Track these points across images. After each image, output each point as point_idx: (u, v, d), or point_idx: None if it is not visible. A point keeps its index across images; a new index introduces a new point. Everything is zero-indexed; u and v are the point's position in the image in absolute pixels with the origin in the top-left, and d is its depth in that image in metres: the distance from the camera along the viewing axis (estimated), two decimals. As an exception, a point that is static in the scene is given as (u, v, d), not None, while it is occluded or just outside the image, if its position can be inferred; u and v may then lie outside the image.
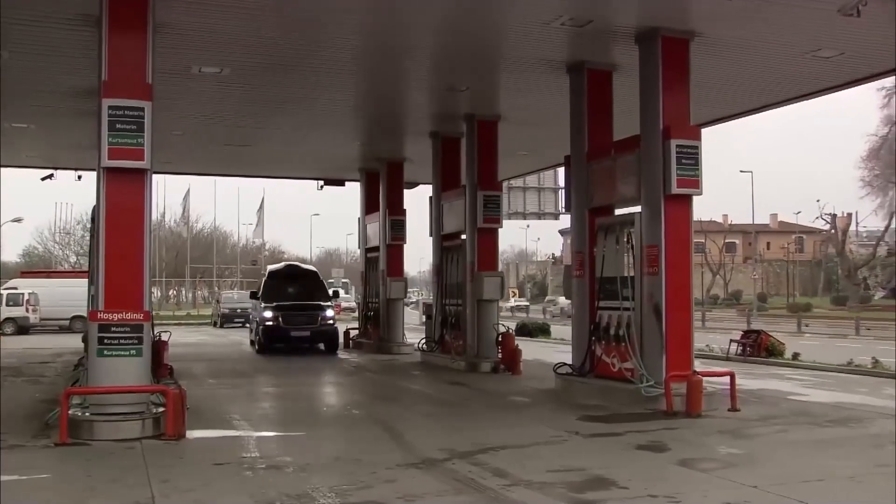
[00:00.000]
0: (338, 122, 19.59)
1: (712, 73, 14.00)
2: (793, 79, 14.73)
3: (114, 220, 10.02)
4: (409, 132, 21.08)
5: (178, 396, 9.63)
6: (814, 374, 17.51)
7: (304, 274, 26.42)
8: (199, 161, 24.59)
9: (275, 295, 23.54)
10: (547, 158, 23.85)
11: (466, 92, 16.70)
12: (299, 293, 24.14)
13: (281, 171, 28.25)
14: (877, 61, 14.08)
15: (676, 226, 12.55)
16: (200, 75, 14.71)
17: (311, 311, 23.33)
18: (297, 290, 24.35)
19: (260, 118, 18.54)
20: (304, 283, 25.02)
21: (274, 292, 23.74)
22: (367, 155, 23.92)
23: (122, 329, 9.70)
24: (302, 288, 24.53)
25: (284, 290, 24.00)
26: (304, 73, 14.86)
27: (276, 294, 23.62)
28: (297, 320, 22.82)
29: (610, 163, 13.99)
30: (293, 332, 22.69)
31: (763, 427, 10.62)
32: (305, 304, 23.45)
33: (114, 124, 9.90)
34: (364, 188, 26.59)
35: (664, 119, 12.49)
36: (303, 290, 24.35)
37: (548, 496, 7.03)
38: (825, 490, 7.30)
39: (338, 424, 11.30)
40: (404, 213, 24.46)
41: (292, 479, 7.67)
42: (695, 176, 12.43)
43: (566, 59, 14.26)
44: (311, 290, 24.61)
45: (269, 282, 24.56)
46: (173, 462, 8.42)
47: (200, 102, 16.81)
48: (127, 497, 6.95)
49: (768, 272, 77.05)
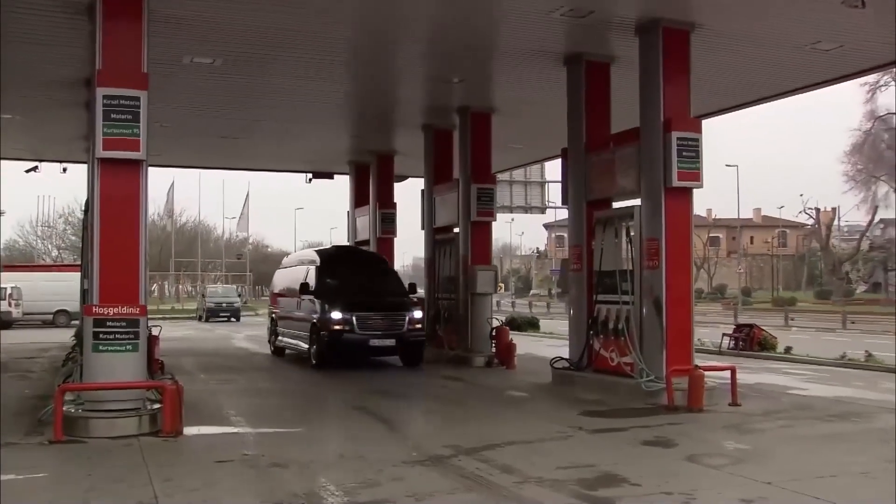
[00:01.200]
0: (329, 114, 19.36)
1: (711, 65, 13.89)
2: (791, 71, 14.65)
3: (109, 212, 9.81)
4: (400, 125, 20.88)
5: (176, 392, 9.42)
6: (808, 367, 17.51)
7: (368, 260, 20.62)
8: (187, 153, 24.27)
9: (337, 289, 17.66)
10: (539, 151, 23.74)
11: (460, 84, 16.52)
12: (369, 287, 18.26)
13: (270, 164, 27.94)
14: (875, 54, 14.02)
15: (677, 219, 12.46)
16: (192, 65, 14.47)
17: (396, 312, 17.25)
18: (365, 282, 18.46)
19: (251, 110, 18.31)
20: (371, 272, 19.17)
21: (334, 286, 17.83)
22: (358, 148, 23.72)
23: (118, 324, 9.48)
24: (370, 279, 18.70)
25: (348, 283, 18.04)
26: (296, 63, 14.64)
27: (337, 288, 17.74)
28: (379, 325, 16.90)
29: (609, 155, 13.87)
30: (373, 342, 16.77)
31: (767, 422, 10.55)
32: (386, 303, 17.55)
33: (109, 114, 9.66)
34: (353, 181, 26.36)
35: (665, 111, 12.38)
36: (372, 283, 18.55)
37: (560, 493, 6.90)
38: (840, 486, 7.20)
39: (336, 420, 11.13)
40: (395, 207, 24.27)
41: (297, 477, 7.50)
42: (696, 169, 12.33)
43: (564, 50, 14.12)
44: (384, 281, 18.81)
45: (324, 271, 18.34)
46: (173, 460, 8.23)
47: (191, 93, 16.56)
48: (130, 497, 6.76)
49: (752, 266, 77.41)
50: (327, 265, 18.63)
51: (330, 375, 15.89)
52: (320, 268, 18.40)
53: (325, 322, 16.80)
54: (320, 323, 17.00)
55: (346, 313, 16.68)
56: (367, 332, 16.70)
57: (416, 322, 17.36)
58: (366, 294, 17.67)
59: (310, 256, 19.96)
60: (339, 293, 17.41)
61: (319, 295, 17.47)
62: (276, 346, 20.26)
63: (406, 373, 16.88)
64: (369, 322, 16.75)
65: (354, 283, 18.09)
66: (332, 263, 18.92)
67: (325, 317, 16.87)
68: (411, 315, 17.29)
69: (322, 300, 17.27)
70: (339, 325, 16.65)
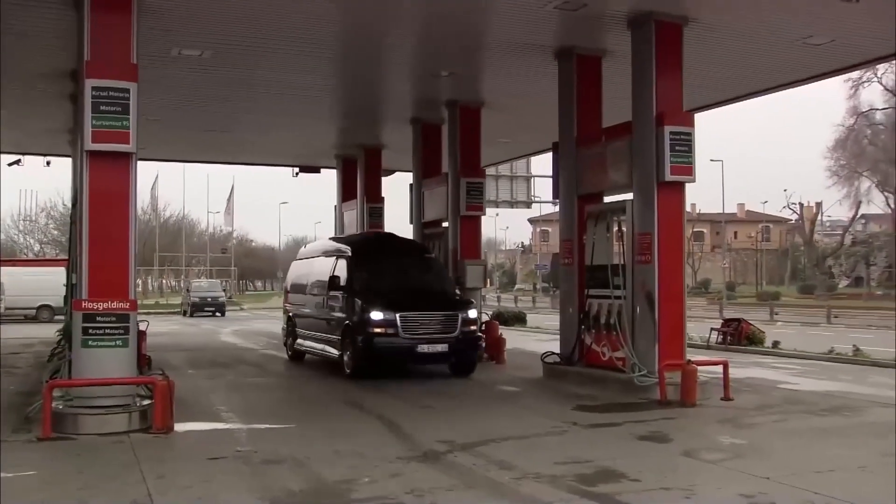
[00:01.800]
0: (317, 107, 19.23)
1: (702, 59, 13.85)
2: (783, 66, 14.65)
3: (98, 205, 9.67)
4: (389, 118, 20.77)
5: (167, 388, 9.31)
6: (796, 362, 17.54)
7: (409, 249, 17.14)
8: (172, 147, 24.02)
9: (374, 284, 14.90)
10: (527, 146, 23.70)
11: (449, 78, 16.43)
12: (412, 281, 15.63)
13: (257, 158, 27.77)
14: (866, 49, 14.07)
15: (669, 213, 12.44)
16: (180, 58, 14.31)
17: (448, 312, 14.50)
18: (406, 275, 15.74)
19: (238, 103, 18.15)
20: (413, 263, 16.29)
21: (370, 280, 15.02)
22: (345, 142, 23.59)
23: (108, 319, 9.37)
24: (412, 272, 15.94)
25: (387, 277, 15.33)
26: (284, 56, 14.50)
27: (374, 283, 14.97)
28: (428, 328, 14.16)
29: (600, 149, 13.83)
30: (421, 348, 14.03)
31: (760, 416, 10.54)
32: (436, 301, 14.88)
33: (98, 106, 9.53)
34: (341, 175, 26.22)
35: (658, 105, 12.35)
36: (415, 276, 15.88)
37: (560, 489, 6.84)
38: (839, 481, 7.18)
39: (329, 415, 11.03)
40: (383, 201, 24.19)
41: (293, 474, 7.40)
42: (688, 163, 12.32)
43: (555, 44, 14.07)
44: (428, 275, 16.13)
45: (357, 262, 15.39)
46: (166, 457, 8.13)
47: (178, 86, 16.36)
48: (123, 495, 6.65)
49: (736, 261, 77.75)
50: (361, 255, 15.68)
51: (312, 369, 15.77)
52: (353, 258, 15.50)
53: (363, 324, 14.06)
54: (356, 325, 14.26)
55: (389, 313, 13.97)
56: (415, 335, 14.00)
57: (471, 323, 14.66)
58: (409, 290, 15.06)
59: (338, 245, 17.01)
60: (378, 289, 14.71)
61: (354, 291, 14.77)
62: (295, 350, 17.58)
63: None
64: (417, 324, 14.07)
65: (394, 277, 15.40)
66: (367, 253, 15.92)
67: (362, 317, 14.13)
68: (465, 315, 14.52)
69: (358, 297, 14.54)
70: (380, 328, 13.92)
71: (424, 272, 16.17)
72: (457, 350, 14.37)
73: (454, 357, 14.55)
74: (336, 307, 15.31)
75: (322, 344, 15.94)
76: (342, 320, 14.85)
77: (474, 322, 14.86)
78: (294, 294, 18.38)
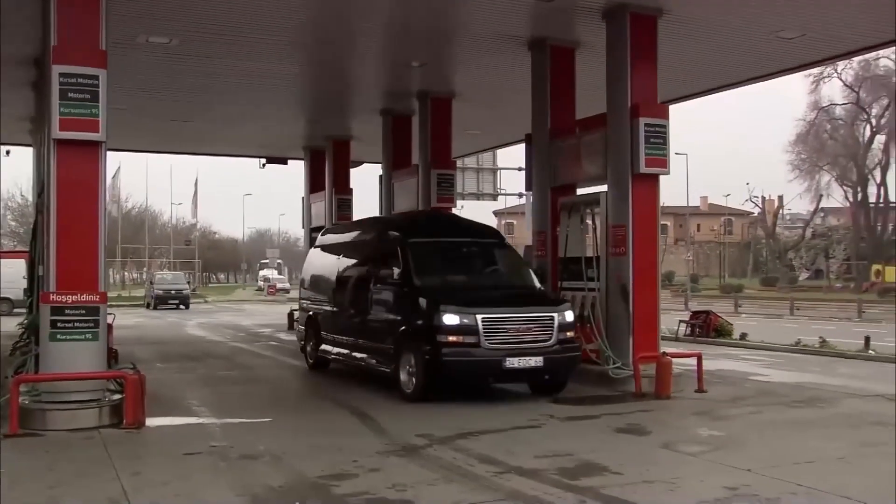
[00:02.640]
0: (285, 97, 19.03)
1: (675, 52, 13.87)
2: (755, 59, 14.75)
3: (66, 195, 9.39)
4: (358, 109, 20.61)
5: (138, 382, 9.10)
6: (764, 353, 17.69)
7: (476, 232, 13.23)
8: (137, 137, 23.57)
9: (440, 277, 11.85)
10: (497, 137, 23.67)
11: (420, 69, 16.32)
12: (485, 274, 12.65)
13: (223, 149, 27.43)
14: (837, 43, 14.23)
15: (644, 206, 12.46)
16: (147, 45, 14.03)
17: (541, 313, 11.03)
18: (477, 266, 12.74)
19: (206, 92, 17.90)
20: (483, 250, 12.91)
21: (434, 271, 11.86)
22: (314, 133, 23.39)
23: (77, 312, 9.13)
24: (482, 262, 12.83)
25: (454, 267, 12.31)
26: (253, 45, 14.30)
27: (440, 275, 11.89)
28: (519, 335, 10.70)
29: (574, 141, 13.80)
30: (510, 363, 10.51)
31: (735, 408, 10.58)
32: (524, 298, 11.61)
33: (66, 93, 9.26)
34: (309, 167, 26.03)
35: (632, 97, 12.35)
36: (488, 268, 12.83)
37: (543, 483, 6.77)
38: (819, 472, 7.20)
39: (303, 409, 10.87)
40: (351, 192, 24.04)
41: (271, 469, 7.26)
42: (663, 155, 12.34)
43: (529, 35, 14.03)
44: (503, 266, 12.90)
45: (415, 248, 11.87)
46: (139, 453, 7.95)
47: (145, 75, 16.06)
48: (97, 493, 6.46)
49: (699, 254, 78.53)
50: (419, 239, 12.20)
51: (285, 366, 15.58)
52: (408, 243, 11.94)
53: (430, 330, 10.63)
54: (418, 331, 10.93)
55: (467, 315, 10.52)
56: (502, 345, 10.56)
57: (569, 328, 11.16)
58: (483, 284, 12.07)
59: (385, 226, 13.77)
60: (445, 283, 11.70)
61: (414, 285, 11.33)
62: (319, 357, 14.15)
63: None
64: (504, 329, 10.64)
65: (462, 267, 12.42)
66: (427, 237, 12.44)
67: (429, 321, 10.69)
68: (563, 317, 11.06)
69: (421, 294, 11.15)
70: (454, 335, 10.50)
71: (498, 261, 12.83)
72: (552, 365, 10.86)
73: (548, 374, 11.10)
74: (386, 306, 11.90)
75: (363, 353, 12.49)
76: (395, 324, 11.44)
77: (572, 327, 11.34)
78: (316, 288, 14.91)
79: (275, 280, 64.92)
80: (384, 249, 12.35)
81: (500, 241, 13.17)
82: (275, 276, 68.85)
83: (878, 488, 6.66)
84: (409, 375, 10.95)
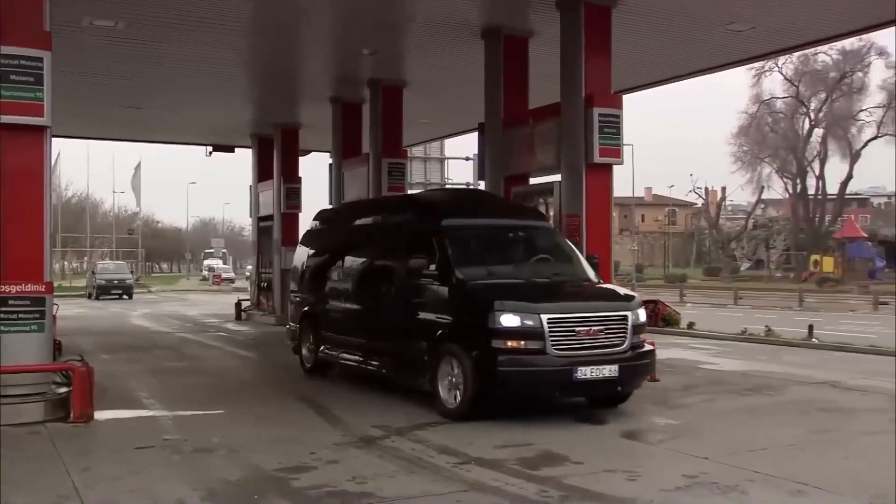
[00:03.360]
0: (233, 84, 18.74)
1: (628, 42, 13.93)
2: (706, 51, 14.94)
3: (9, 182, 9.06)
4: (307, 97, 20.41)
5: (87, 375, 8.86)
6: (712, 342, 17.94)
7: (520, 215, 11.74)
8: (80, 123, 22.95)
9: (487, 268, 9.74)
10: (447, 126, 23.61)
11: (371, 56, 16.18)
12: (537, 265, 10.33)
13: (169, 136, 26.92)
14: (782, 37, 14.48)
15: (597, 195, 12.50)
16: (92, 28, 13.67)
17: (613, 312, 9.29)
18: (528, 255, 10.61)
19: (152, 78, 17.50)
20: (532, 236, 10.92)
21: (480, 262, 9.86)
22: (262, 120, 23.11)
23: (22, 302, 8.84)
24: (532, 250, 10.69)
25: (502, 257, 10.34)
26: (201, 29, 14.04)
27: (487, 267, 9.79)
28: (590, 339, 8.95)
29: (528, 131, 13.80)
30: (580, 373, 8.74)
31: (689, 397, 10.69)
32: (591, 293, 9.96)
33: (7, 75, 8.91)
34: (256, 155, 25.71)
35: (587, 87, 12.34)
36: (540, 258, 10.53)
37: (505, 474, 6.73)
38: (774, 458, 7.28)
39: (256, 400, 10.66)
40: (300, 181, 23.81)
41: (228, 463, 7.11)
42: (617, 145, 12.39)
43: (482, 24, 14.00)
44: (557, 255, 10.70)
45: (454, 234, 9.89)
46: (89, 447, 7.74)
47: (89, 59, 15.67)
48: (47, 490, 6.25)
49: (643, 244, 79.54)
50: (457, 223, 10.24)
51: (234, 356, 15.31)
52: (442, 226, 10.00)
53: (485, 332, 8.77)
54: (467, 334, 9.05)
55: (529, 315, 8.72)
56: (571, 352, 8.81)
57: (641, 330, 9.51)
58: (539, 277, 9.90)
59: (411, 206, 11.58)
60: (491, 275, 9.61)
61: (457, 279, 9.36)
62: (319, 360, 12.25)
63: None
64: (574, 332, 8.85)
65: (509, 257, 10.45)
66: (465, 220, 10.48)
67: (484, 322, 8.78)
68: (636, 317, 9.36)
69: (469, 289, 9.29)
70: (515, 340, 8.73)
71: (547, 248, 10.79)
72: (626, 374, 9.08)
73: (621, 386, 9.28)
74: (415, 303, 9.88)
75: (380, 359, 10.69)
76: (431, 325, 9.46)
77: (644, 328, 9.68)
78: (315, 279, 12.83)
79: (220, 270, 64.14)
80: (411, 235, 10.33)
81: (548, 225, 11.56)
82: (220, 266, 68.09)
83: (831, 474, 6.77)
84: (451, 388, 9.07)
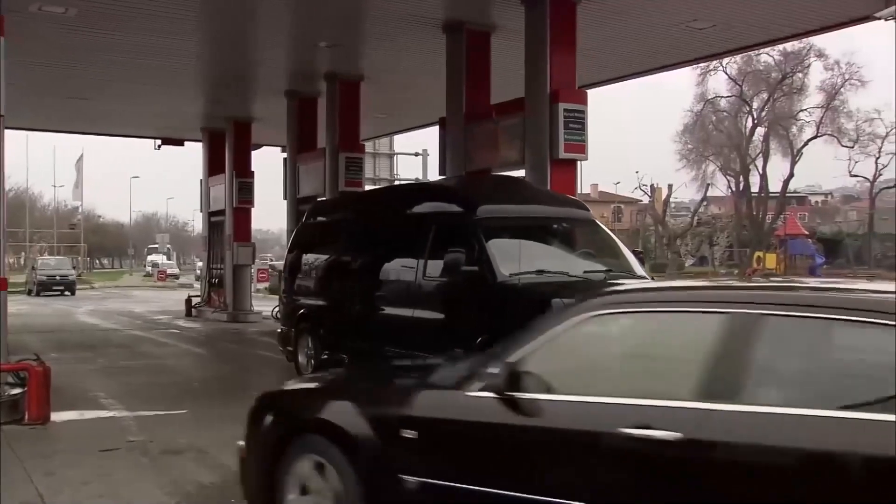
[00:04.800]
0: (185, 76, 18.32)
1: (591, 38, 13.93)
2: (667, 48, 14.99)
3: (-40, 174, 8.68)
4: (261, 90, 20.05)
5: (44, 375, 8.52)
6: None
7: (560, 204, 10.61)
8: (22, 114, 22.14)
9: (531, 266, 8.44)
10: (403, 121, 23.36)
11: (327, 50, 15.91)
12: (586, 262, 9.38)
13: (116, 129, 26.19)
14: (741, 36, 14.61)
15: (562, 191, 12.39)
16: (40, 14, 13.15)
17: None
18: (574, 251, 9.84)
19: (102, 68, 17.02)
20: (576, 230, 10.35)
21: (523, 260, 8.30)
22: (213, 113, 22.63)
23: (-26, 300, 8.46)
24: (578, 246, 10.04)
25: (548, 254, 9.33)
26: (150, 18, 13.63)
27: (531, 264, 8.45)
28: None
29: (491, 126, 13.68)
30: None
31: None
32: None
33: (-43, 63, 8.53)
34: (207, 149, 25.24)
35: (552, 83, 12.25)
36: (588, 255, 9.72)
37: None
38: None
39: (218, 398, 10.38)
40: (252, 176, 23.47)
41: (198, 465, 6.89)
42: (581, 141, 12.32)
43: (444, 17, 13.85)
44: (604, 251, 9.93)
45: (491, 227, 8.97)
46: (50, 451, 7.38)
47: (36, 47, 15.02)
48: (9, 497, 5.92)
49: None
50: (493, 213, 9.33)
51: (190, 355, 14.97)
52: (477, 219, 9.07)
53: None
54: None
55: None
56: None
57: None
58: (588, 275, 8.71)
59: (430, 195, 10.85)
60: (539, 273, 8.45)
61: (501, 277, 8.39)
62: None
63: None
64: None
65: (554, 253, 9.52)
66: (501, 211, 9.53)
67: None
68: None
69: (518, 291, 8.17)
70: None
71: (592, 241, 10.11)
72: None
73: None
74: (447, 305, 8.97)
75: None
76: (471, 328, 8.14)
77: None
78: (318, 278, 11.83)
79: (164, 266, 62.95)
80: (439, 228, 9.35)
81: (589, 215, 10.57)
82: (164, 262, 66.82)
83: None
84: None
